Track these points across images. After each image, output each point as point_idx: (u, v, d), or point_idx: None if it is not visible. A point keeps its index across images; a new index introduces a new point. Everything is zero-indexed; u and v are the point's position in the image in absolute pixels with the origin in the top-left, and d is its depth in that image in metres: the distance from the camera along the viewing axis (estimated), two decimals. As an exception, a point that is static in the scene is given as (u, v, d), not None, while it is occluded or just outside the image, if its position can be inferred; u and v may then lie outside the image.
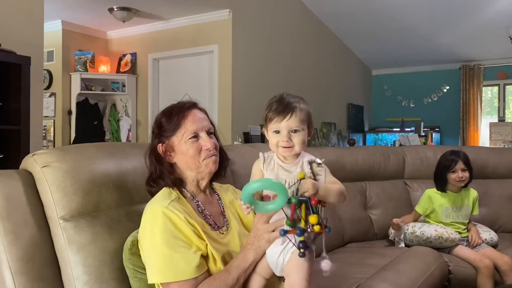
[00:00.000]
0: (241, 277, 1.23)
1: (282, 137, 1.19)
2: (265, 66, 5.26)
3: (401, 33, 6.29)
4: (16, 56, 2.77)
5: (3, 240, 1.23)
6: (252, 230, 1.25)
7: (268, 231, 1.20)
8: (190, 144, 1.33)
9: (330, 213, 2.72)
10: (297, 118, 1.20)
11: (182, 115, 1.35)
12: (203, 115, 1.40)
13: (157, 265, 1.21)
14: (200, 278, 1.21)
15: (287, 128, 1.19)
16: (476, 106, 7.08)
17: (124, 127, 5.46)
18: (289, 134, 1.19)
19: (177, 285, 1.20)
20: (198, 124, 1.35)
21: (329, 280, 2.01)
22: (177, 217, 1.24)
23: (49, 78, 5.18)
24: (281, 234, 1.10)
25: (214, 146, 1.36)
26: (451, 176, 2.61)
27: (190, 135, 1.33)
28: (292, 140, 1.19)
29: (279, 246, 1.19)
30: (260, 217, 1.22)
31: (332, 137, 6.58)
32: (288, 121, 1.19)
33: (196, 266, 1.21)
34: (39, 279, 1.26)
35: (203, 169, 1.35)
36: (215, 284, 1.21)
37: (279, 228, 1.16)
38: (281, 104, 1.22)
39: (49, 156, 1.36)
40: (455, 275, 2.44)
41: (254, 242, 1.23)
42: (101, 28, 5.54)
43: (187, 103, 1.39)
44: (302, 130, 1.21)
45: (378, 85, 7.95)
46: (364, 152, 3.15)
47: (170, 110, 1.39)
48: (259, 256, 1.23)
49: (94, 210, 1.37)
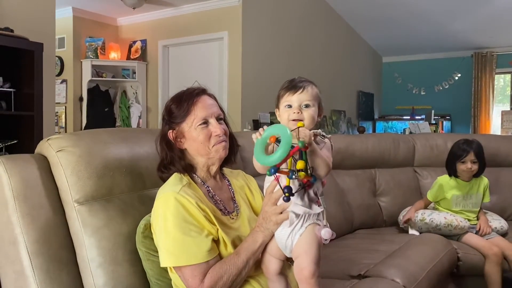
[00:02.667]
0: (250, 259, 1.25)
1: (293, 109, 1.22)
2: (275, 52, 5.23)
3: (412, 20, 6.21)
4: (29, 43, 2.80)
5: (20, 223, 1.26)
6: (260, 213, 1.27)
7: (276, 213, 1.22)
8: (200, 130, 1.34)
9: (339, 200, 2.74)
10: (309, 93, 1.24)
11: (192, 102, 1.35)
12: (213, 101, 1.41)
13: (169, 249, 1.23)
14: (211, 262, 1.24)
15: (298, 101, 1.23)
16: (488, 94, 7.01)
17: (135, 113, 5.49)
18: (300, 107, 1.22)
19: (189, 268, 1.22)
20: (207, 110, 1.36)
21: (338, 265, 2.04)
22: (189, 202, 1.26)
23: (61, 65, 5.22)
24: (271, 172, 1.10)
25: (223, 132, 1.37)
26: (460, 166, 2.60)
27: (200, 121, 1.34)
28: (302, 113, 1.22)
29: (287, 228, 1.21)
30: (268, 200, 1.24)
31: (341, 125, 6.57)
32: (300, 94, 1.23)
33: (207, 250, 1.23)
34: (55, 260, 1.29)
35: (213, 155, 1.36)
36: (225, 267, 1.23)
37: (276, 191, 1.18)
38: (292, 82, 1.26)
39: (64, 140, 1.38)
40: (464, 262, 2.45)
41: (263, 224, 1.25)
42: (111, 15, 5.54)
43: (197, 90, 1.40)
44: (313, 106, 1.24)
45: (389, 72, 7.89)
46: (374, 139, 3.15)
47: (179, 96, 1.39)
48: (267, 238, 1.25)
49: (107, 194, 1.40)
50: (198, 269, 1.22)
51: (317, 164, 1.16)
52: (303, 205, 1.18)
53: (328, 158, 1.20)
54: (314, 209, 1.20)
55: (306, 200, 1.19)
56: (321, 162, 1.17)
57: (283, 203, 1.19)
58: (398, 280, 1.87)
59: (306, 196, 1.19)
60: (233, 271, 1.23)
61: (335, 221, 1.21)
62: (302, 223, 1.19)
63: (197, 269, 1.22)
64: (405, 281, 1.88)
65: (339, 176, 2.88)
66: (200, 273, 1.22)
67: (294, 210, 1.18)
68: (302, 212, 1.18)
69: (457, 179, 2.64)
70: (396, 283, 1.85)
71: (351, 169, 2.99)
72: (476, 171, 2.59)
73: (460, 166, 2.60)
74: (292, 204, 1.18)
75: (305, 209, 1.18)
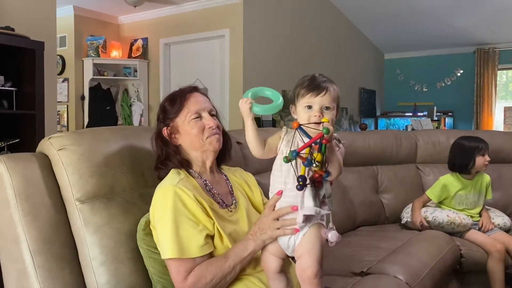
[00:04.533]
0: (237, 265, 1.25)
1: (314, 112, 1.19)
2: (277, 50, 5.22)
3: (414, 16, 6.19)
4: (30, 41, 2.80)
5: (22, 221, 1.26)
6: (257, 222, 1.27)
7: (274, 228, 1.21)
8: (194, 123, 1.38)
9: (342, 197, 2.73)
10: (330, 96, 1.21)
11: (185, 98, 1.41)
12: (205, 97, 1.46)
13: (162, 241, 1.24)
14: (198, 260, 1.24)
15: (320, 104, 1.20)
16: (491, 90, 6.98)
17: (136, 112, 5.49)
18: (321, 110, 1.20)
19: (176, 262, 1.23)
20: (200, 104, 1.41)
21: (341, 262, 2.03)
22: (186, 195, 1.27)
23: (62, 63, 5.22)
24: (293, 156, 1.09)
25: (216, 125, 1.41)
26: (480, 160, 2.57)
27: (193, 115, 1.38)
28: (323, 116, 1.19)
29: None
30: (268, 212, 1.24)
31: (343, 122, 6.55)
32: (322, 97, 1.20)
33: (200, 246, 1.24)
34: (57, 259, 1.29)
35: (207, 147, 1.39)
36: (211, 268, 1.23)
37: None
38: (314, 81, 1.23)
39: (65, 139, 1.38)
40: (467, 259, 2.45)
41: (257, 233, 1.25)
42: (112, 13, 5.54)
43: (188, 88, 1.46)
44: (333, 109, 1.22)
45: (391, 69, 7.86)
46: (376, 136, 3.14)
47: (172, 95, 1.46)
48: (258, 248, 1.25)
49: (109, 192, 1.40)
50: (184, 265, 1.23)
51: (332, 162, 1.15)
52: (316, 205, 1.17)
53: (341, 162, 1.19)
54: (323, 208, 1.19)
55: (318, 201, 1.18)
56: (336, 161, 1.16)
57: (283, 219, 1.19)
58: (400, 277, 1.87)
59: (317, 197, 1.18)
60: (218, 274, 1.23)
61: (337, 218, 1.20)
62: (306, 223, 1.19)
63: (183, 265, 1.23)
64: (408, 278, 1.88)
65: (341, 174, 2.87)
66: (185, 270, 1.22)
67: (306, 213, 1.16)
68: (315, 212, 1.17)
69: (461, 177, 2.62)
70: (399, 280, 1.85)
71: (353, 166, 2.98)
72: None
73: (480, 159, 2.57)
74: (303, 207, 1.17)
75: (316, 209, 1.17)
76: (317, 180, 1.15)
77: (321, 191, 1.18)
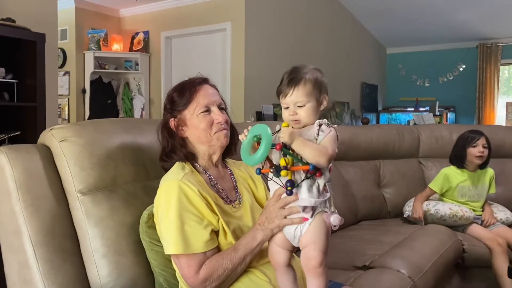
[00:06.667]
0: (247, 256, 1.24)
1: (289, 112, 1.22)
2: (278, 43, 5.20)
3: (417, 10, 6.15)
4: (31, 33, 2.78)
5: (23, 213, 1.25)
6: (264, 211, 1.26)
7: (282, 216, 1.20)
8: (202, 117, 1.34)
9: (344, 192, 2.73)
10: (299, 92, 1.20)
11: (194, 90, 1.36)
12: (214, 90, 1.42)
13: (168, 237, 1.23)
14: (208, 254, 1.23)
15: (292, 103, 1.21)
16: (493, 86, 6.95)
17: (138, 105, 5.48)
18: (295, 108, 1.21)
19: (185, 257, 1.22)
20: (210, 98, 1.37)
21: (343, 256, 2.03)
22: (191, 190, 1.25)
23: (63, 56, 5.20)
24: (256, 173, 1.21)
25: (225, 120, 1.38)
26: (471, 151, 2.56)
27: (202, 108, 1.35)
28: (297, 113, 1.21)
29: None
30: (275, 201, 1.23)
31: (345, 117, 6.53)
32: (291, 96, 1.21)
33: (205, 241, 1.22)
34: (59, 251, 1.29)
35: (214, 142, 1.36)
36: (222, 261, 1.23)
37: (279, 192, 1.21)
38: (288, 77, 1.23)
39: (66, 131, 1.37)
40: (469, 253, 2.45)
41: (265, 223, 1.23)
42: (114, 6, 5.51)
43: (198, 79, 1.41)
44: (308, 102, 1.21)
45: (393, 64, 7.83)
46: (378, 130, 3.13)
47: (181, 85, 1.40)
48: (267, 238, 1.24)
49: (111, 184, 1.39)
50: (195, 259, 1.22)
51: (306, 156, 1.13)
52: (311, 196, 1.16)
53: (325, 147, 1.16)
54: (322, 196, 1.18)
55: (315, 191, 1.17)
56: (311, 151, 1.13)
57: (290, 207, 1.19)
58: (403, 271, 1.86)
59: (314, 187, 1.17)
60: (229, 266, 1.22)
61: (339, 212, 1.19)
62: (311, 212, 1.18)
63: (193, 259, 1.22)
64: (410, 272, 1.87)
65: (343, 168, 2.87)
66: (196, 264, 1.21)
67: (301, 204, 1.16)
68: (310, 203, 1.16)
69: (463, 169, 2.62)
70: (401, 274, 1.85)
71: (355, 161, 2.97)
72: (486, 157, 2.57)
73: (471, 151, 2.56)
74: (299, 199, 1.17)
75: (312, 200, 1.16)
76: (309, 174, 1.15)
77: (320, 180, 1.18)
